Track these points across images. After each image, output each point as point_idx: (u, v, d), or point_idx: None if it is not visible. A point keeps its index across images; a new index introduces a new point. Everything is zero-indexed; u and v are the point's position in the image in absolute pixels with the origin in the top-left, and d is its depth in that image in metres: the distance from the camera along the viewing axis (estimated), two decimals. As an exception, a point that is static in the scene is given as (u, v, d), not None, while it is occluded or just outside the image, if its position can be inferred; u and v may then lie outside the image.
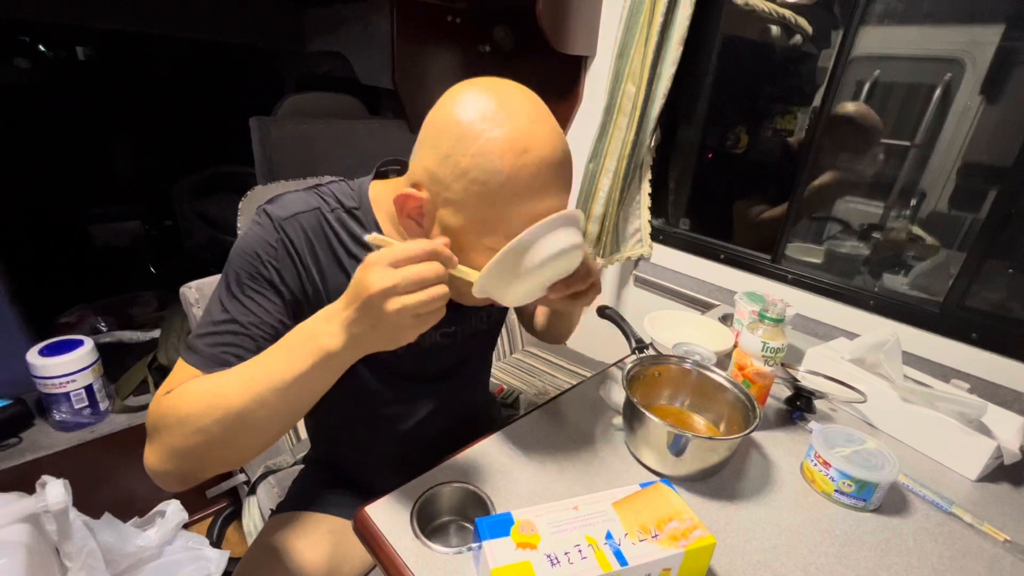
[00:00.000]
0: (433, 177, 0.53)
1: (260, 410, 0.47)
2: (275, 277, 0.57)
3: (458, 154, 0.51)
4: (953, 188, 1.14)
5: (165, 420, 0.50)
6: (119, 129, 2.29)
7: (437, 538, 0.54)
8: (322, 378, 0.48)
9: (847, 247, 1.30)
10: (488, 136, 0.50)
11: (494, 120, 0.51)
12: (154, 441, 0.51)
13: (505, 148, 0.50)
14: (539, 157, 0.51)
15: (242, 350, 0.54)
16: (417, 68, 1.44)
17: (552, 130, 0.53)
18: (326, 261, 0.60)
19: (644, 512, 0.50)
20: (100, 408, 1.29)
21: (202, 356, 0.53)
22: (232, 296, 0.55)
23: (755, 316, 0.82)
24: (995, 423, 0.74)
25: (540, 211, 0.53)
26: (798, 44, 1.29)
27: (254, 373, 0.48)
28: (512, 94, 0.53)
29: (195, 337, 0.55)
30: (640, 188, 1.40)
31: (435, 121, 0.54)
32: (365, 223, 0.62)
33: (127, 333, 1.47)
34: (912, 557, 0.58)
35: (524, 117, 0.52)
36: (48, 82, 2.11)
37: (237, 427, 0.48)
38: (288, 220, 0.58)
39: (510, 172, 0.50)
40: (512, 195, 0.52)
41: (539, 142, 0.51)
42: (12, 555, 0.82)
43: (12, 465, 1.14)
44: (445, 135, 0.52)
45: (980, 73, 1.07)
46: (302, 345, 0.47)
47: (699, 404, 0.76)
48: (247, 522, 1.01)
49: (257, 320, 0.55)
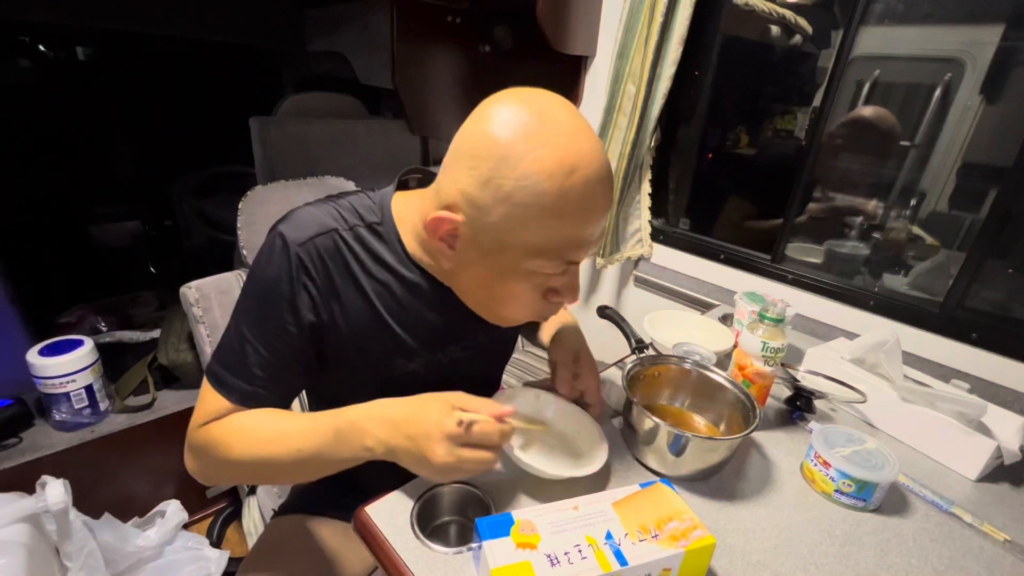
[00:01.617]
0: (471, 201, 0.50)
1: (295, 469, 0.56)
2: (295, 309, 0.55)
3: (500, 177, 0.48)
4: (953, 188, 1.14)
5: (207, 453, 0.56)
6: (119, 129, 2.29)
7: (437, 538, 0.54)
8: (350, 464, 0.54)
9: (847, 247, 1.30)
10: (533, 157, 0.47)
11: (538, 139, 0.47)
12: (197, 460, 0.59)
13: (553, 169, 0.47)
14: (586, 176, 0.48)
15: (269, 381, 0.57)
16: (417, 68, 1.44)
17: (595, 144, 0.50)
18: (342, 284, 0.57)
19: (644, 512, 0.50)
20: (100, 408, 1.29)
21: (234, 391, 0.56)
22: (254, 324, 0.55)
23: (755, 316, 0.82)
24: (995, 423, 0.74)
25: (585, 235, 0.52)
26: (798, 44, 1.29)
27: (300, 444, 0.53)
28: (552, 108, 0.50)
29: (220, 367, 0.57)
30: (640, 188, 1.40)
31: (471, 140, 0.50)
32: (387, 239, 0.59)
33: (127, 333, 1.47)
34: (912, 557, 0.58)
35: (567, 134, 0.48)
36: (48, 82, 2.11)
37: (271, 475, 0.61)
38: (304, 245, 0.55)
39: (557, 194, 0.47)
40: (557, 218, 0.49)
41: (585, 160, 0.48)
42: (12, 555, 0.82)
43: (12, 465, 1.14)
44: (483, 156, 0.48)
45: (980, 73, 1.07)
46: (348, 438, 0.52)
47: (699, 404, 0.75)
48: (247, 522, 1.01)
49: (282, 348, 0.56)
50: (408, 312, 0.60)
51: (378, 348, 0.61)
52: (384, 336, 0.60)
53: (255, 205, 0.98)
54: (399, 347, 0.61)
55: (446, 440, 0.48)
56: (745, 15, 1.23)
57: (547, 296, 0.57)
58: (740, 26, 1.37)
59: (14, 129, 1.95)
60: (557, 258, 0.52)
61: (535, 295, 0.56)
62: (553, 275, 0.54)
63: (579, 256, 0.54)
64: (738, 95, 1.47)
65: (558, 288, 0.56)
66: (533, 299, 0.57)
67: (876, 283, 1.22)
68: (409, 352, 0.62)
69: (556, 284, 0.56)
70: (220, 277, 0.94)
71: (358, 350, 0.60)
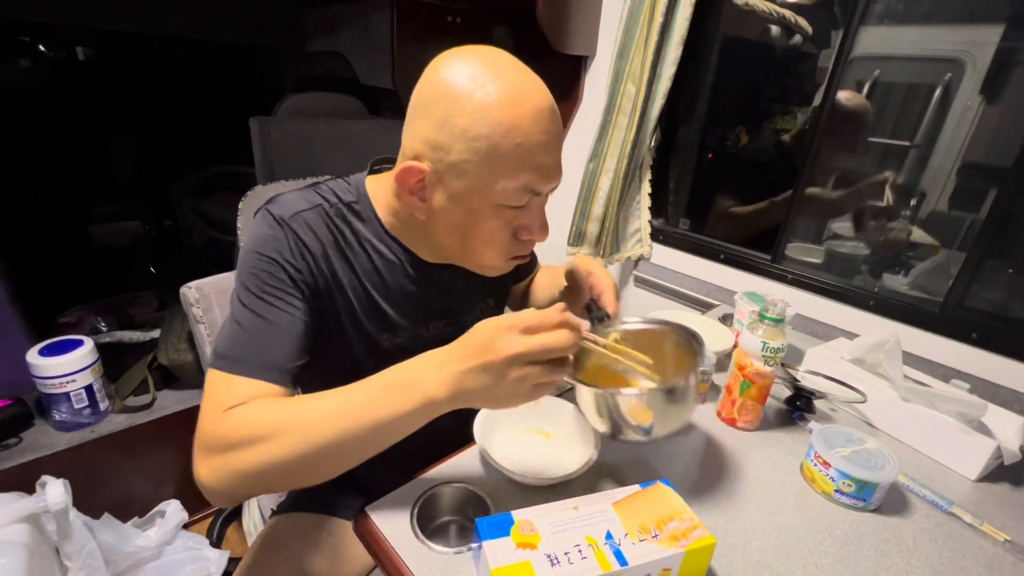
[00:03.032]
0: (432, 144, 0.54)
1: (343, 445, 0.47)
2: (294, 277, 0.57)
3: (455, 115, 0.52)
4: (953, 188, 1.14)
5: (231, 439, 0.47)
6: (119, 129, 2.29)
7: (437, 538, 0.54)
8: (415, 422, 0.48)
9: (847, 247, 1.30)
10: (482, 92, 0.51)
11: (484, 77, 0.52)
12: (212, 458, 0.48)
13: (502, 100, 0.51)
14: (533, 105, 0.53)
15: (284, 350, 0.54)
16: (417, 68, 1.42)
17: (537, 81, 0.55)
18: (334, 255, 0.61)
19: (644, 512, 0.50)
20: (100, 408, 1.29)
21: (243, 363, 0.52)
22: (257, 298, 0.55)
23: (755, 316, 0.82)
24: (995, 423, 0.74)
25: (542, 161, 0.55)
26: (798, 44, 1.29)
27: (344, 407, 0.47)
28: (492, 53, 0.55)
29: (231, 345, 0.53)
30: (640, 188, 1.40)
31: (423, 92, 0.55)
32: (365, 217, 0.63)
33: (127, 333, 1.47)
34: (912, 557, 0.58)
35: (510, 71, 0.53)
36: (48, 82, 2.10)
37: (313, 458, 0.47)
38: (293, 218, 0.58)
39: (510, 123, 0.52)
40: (515, 146, 0.52)
41: (529, 91, 0.53)
42: (12, 555, 0.82)
43: (12, 465, 1.14)
44: (437, 101, 0.53)
45: (980, 73, 1.07)
46: (404, 388, 0.47)
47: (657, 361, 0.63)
48: (247, 522, 1.01)
49: (289, 319, 0.55)
50: (390, 286, 0.64)
51: (367, 321, 0.64)
52: (371, 309, 0.64)
53: (255, 205, 0.98)
54: (384, 321, 0.64)
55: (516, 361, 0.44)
56: (745, 15, 1.23)
57: (517, 234, 0.60)
58: (740, 26, 1.37)
59: (14, 129, 1.95)
60: (522, 188, 0.55)
61: (506, 234, 0.59)
62: (520, 209, 0.58)
63: (543, 185, 0.57)
64: (738, 95, 1.47)
65: (526, 225, 0.60)
66: (505, 238, 0.59)
67: (876, 283, 1.22)
68: (394, 326, 0.65)
69: (524, 221, 0.59)
70: (220, 277, 0.94)
71: (351, 323, 0.63)
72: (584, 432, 0.67)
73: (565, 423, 0.70)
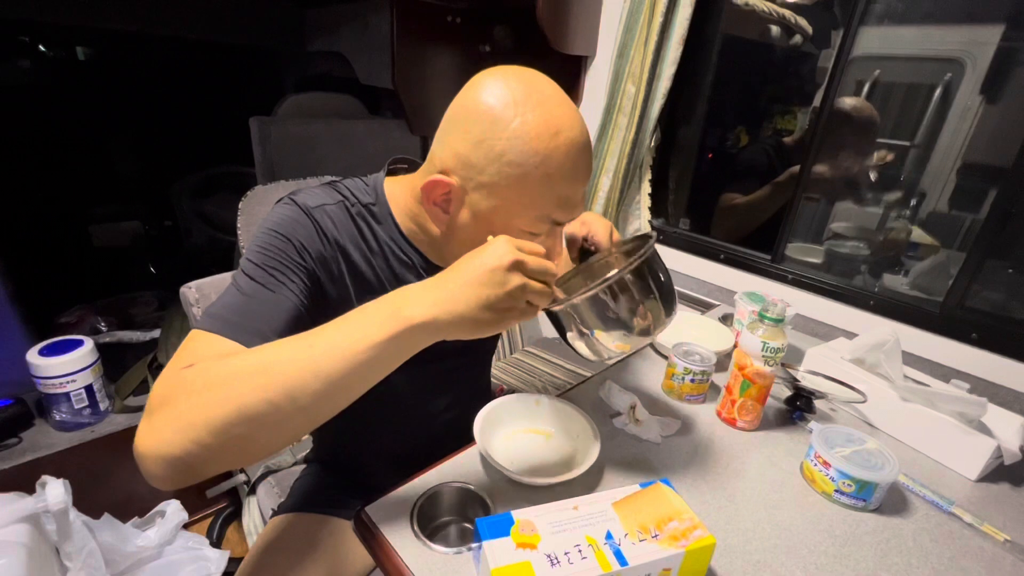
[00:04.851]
0: (464, 162, 0.54)
1: (314, 383, 0.41)
2: (304, 259, 0.57)
3: (492, 138, 0.52)
4: (953, 188, 1.14)
5: (186, 387, 0.42)
6: (119, 129, 2.29)
7: (437, 538, 0.54)
8: (392, 355, 0.44)
9: (847, 247, 1.30)
10: (522, 120, 0.52)
11: (526, 104, 0.52)
12: (162, 414, 0.41)
13: (540, 130, 0.52)
14: (570, 139, 0.54)
15: (274, 322, 0.50)
16: (417, 68, 1.44)
17: (577, 113, 0.56)
18: (353, 249, 0.62)
19: (644, 512, 0.50)
20: (100, 408, 1.29)
21: (229, 323, 0.48)
22: (260, 268, 0.54)
23: (755, 316, 0.82)
24: (995, 423, 0.74)
25: (567, 194, 0.56)
26: (798, 44, 1.29)
27: (314, 340, 0.43)
28: (536, 80, 0.55)
29: (220, 307, 0.51)
30: (640, 188, 1.40)
31: (464, 108, 0.56)
32: (382, 219, 0.64)
33: (127, 333, 1.47)
34: (912, 557, 0.58)
35: (552, 102, 0.54)
36: (48, 82, 2.10)
37: (279, 401, 0.41)
38: (317, 209, 0.60)
39: (545, 154, 0.52)
40: (545, 176, 0.53)
41: (567, 124, 0.54)
42: (12, 555, 0.82)
43: (12, 465, 1.14)
44: (476, 120, 0.53)
45: (980, 73, 1.08)
46: (379, 312, 0.44)
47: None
48: (247, 522, 1.01)
49: (287, 293, 0.54)
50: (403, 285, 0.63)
51: None
52: None
53: (255, 205, 0.98)
54: None
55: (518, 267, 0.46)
56: (745, 15, 1.23)
57: None
58: (740, 26, 1.37)
59: (14, 129, 1.95)
60: (544, 216, 0.56)
61: None
62: (539, 236, 0.58)
63: (564, 216, 0.58)
64: (738, 95, 1.47)
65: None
66: None
67: (876, 283, 1.22)
68: None
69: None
70: (220, 277, 0.94)
71: None
72: (584, 432, 0.68)
73: (565, 423, 0.71)
